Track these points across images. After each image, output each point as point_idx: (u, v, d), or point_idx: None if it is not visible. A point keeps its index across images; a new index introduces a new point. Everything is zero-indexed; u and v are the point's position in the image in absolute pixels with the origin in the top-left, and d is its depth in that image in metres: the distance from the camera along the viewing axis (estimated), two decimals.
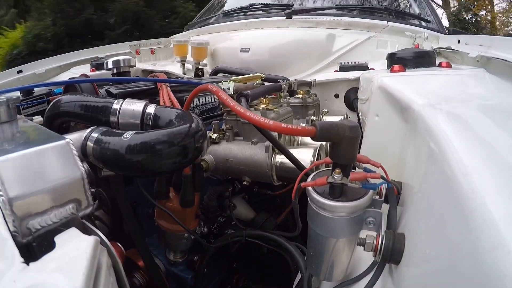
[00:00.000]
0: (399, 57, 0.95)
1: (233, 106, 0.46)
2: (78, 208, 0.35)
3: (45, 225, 0.32)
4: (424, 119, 0.41)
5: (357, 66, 1.23)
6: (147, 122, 0.55)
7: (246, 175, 0.71)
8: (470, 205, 0.25)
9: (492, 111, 0.44)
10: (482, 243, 0.22)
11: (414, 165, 0.44)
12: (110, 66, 0.93)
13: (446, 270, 0.27)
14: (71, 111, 0.57)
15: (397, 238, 0.37)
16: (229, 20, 1.77)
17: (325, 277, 0.47)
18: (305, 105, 1.01)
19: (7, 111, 0.45)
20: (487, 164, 0.27)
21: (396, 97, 0.57)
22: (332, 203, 0.38)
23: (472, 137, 0.33)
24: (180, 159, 0.47)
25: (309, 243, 0.46)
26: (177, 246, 0.82)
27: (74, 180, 0.35)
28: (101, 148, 0.44)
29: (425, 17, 1.70)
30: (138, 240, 0.70)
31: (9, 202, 0.30)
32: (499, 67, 0.70)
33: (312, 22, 1.49)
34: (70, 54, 1.73)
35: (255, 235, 0.83)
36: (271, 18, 1.58)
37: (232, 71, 1.37)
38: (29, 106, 0.96)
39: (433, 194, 0.33)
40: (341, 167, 0.38)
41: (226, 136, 0.75)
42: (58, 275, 0.26)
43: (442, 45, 1.25)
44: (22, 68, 1.52)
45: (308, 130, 0.36)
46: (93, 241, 0.31)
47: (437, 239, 0.29)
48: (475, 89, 0.62)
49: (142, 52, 1.74)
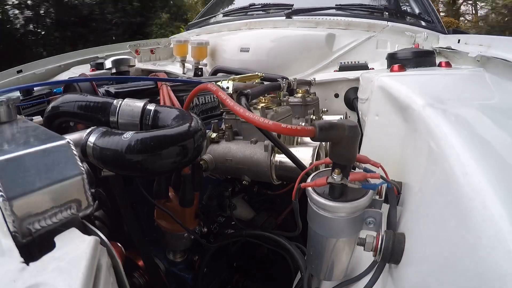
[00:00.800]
0: (399, 57, 0.95)
1: (233, 106, 0.46)
2: (78, 208, 0.35)
3: (45, 225, 0.32)
4: (424, 119, 0.41)
5: (357, 66, 1.23)
6: (146, 122, 0.55)
7: (245, 175, 0.71)
8: (470, 205, 0.25)
9: (492, 110, 0.44)
10: (482, 243, 0.22)
11: (414, 165, 0.44)
12: (109, 66, 0.93)
13: (446, 270, 0.27)
14: (71, 111, 0.57)
15: (397, 238, 0.37)
16: (229, 20, 1.77)
17: (325, 277, 0.47)
18: (304, 104, 1.01)
19: (7, 111, 0.45)
20: (487, 163, 0.27)
21: (396, 97, 0.57)
22: (332, 203, 0.38)
23: (472, 136, 0.33)
24: (179, 159, 0.47)
25: (309, 243, 0.46)
26: (177, 246, 0.82)
27: (74, 180, 0.35)
28: (101, 148, 0.44)
29: (425, 17, 1.70)
30: (138, 240, 0.70)
31: (9, 202, 0.30)
32: (499, 67, 0.70)
33: (312, 22, 1.49)
34: (70, 54, 1.74)
35: (255, 235, 0.83)
36: (271, 18, 1.58)
37: (231, 71, 1.37)
38: (29, 106, 0.96)
39: (433, 194, 0.33)
40: (341, 167, 0.38)
41: (225, 135, 0.75)
42: (58, 275, 0.26)
43: (442, 44, 1.25)
44: (22, 68, 1.52)
45: (308, 130, 0.35)
46: (93, 241, 0.31)
47: (437, 239, 0.29)
48: (475, 88, 0.62)
49: (142, 52, 1.73)
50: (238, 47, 1.46)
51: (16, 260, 0.27)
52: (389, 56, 0.99)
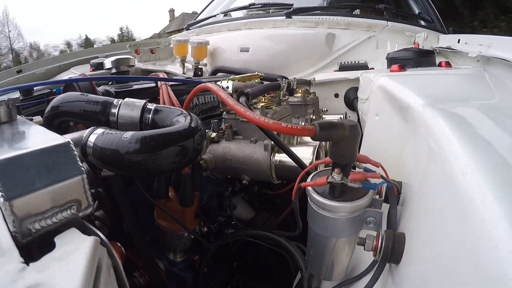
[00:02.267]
0: (399, 57, 0.95)
1: (233, 105, 0.46)
2: (78, 208, 0.35)
3: (45, 225, 0.32)
4: (424, 119, 0.41)
5: (357, 65, 1.23)
6: (146, 121, 0.55)
7: (245, 174, 0.71)
8: (470, 204, 0.25)
9: (492, 110, 0.44)
10: (482, 242, 0.22)
11: (414, 165, 0.44)
12: (109, 66, 0.93)
13: (446, 270, 0.27)
14: (70, 111, 0.57)
15: (397, 238, 0.37)
16: (229, 19, 1.77)
17: (325, 276, 0.47)
18: (304, 104, 1.01)
19: (7, 111, 0.45)
20: (487, 163, 0.27)
21: (396, 97, 0.57)
22: (332, 203, 0.38)
23: (472, 136, 0.33)
24: (179, 158, 0.47)
25: (309, 242, 0.46)
26: (177, 246, 0.82)
27: (74, 180, 0.35)
28: (101, 148, 0.44)
29: (425, 17, 1.70)
30: (138, 240, 0.70)
31: (9, 202, 0.30)
32: (498, 67, 0.70)
33: (312, 22, 1.49)
34: (70, 54, 1.74)
35: (255, 235, 0.83)
36: (271, 18, 1.58)
37: (231, 71, 1.37)
38: (29, 106, 0.96)
39: (433, 193, 0.33)
40: (341, 167, 0.38)
41: (225, 135, 0.75)
42: (58, 275, 0.26)
43: (442, 44, 1.25)
44: (22, 68, 1.52)
45: (308, 130, 0.35)
46: (93, 241, 0.31)
47: (437, 239, 0.29)
48: (475, 88, 0.62)
49: (142, 52, 1.74)
50: (238, 47, 1.46)
51: (16, 260, 0.27)
52: (389, 56, 0.99)
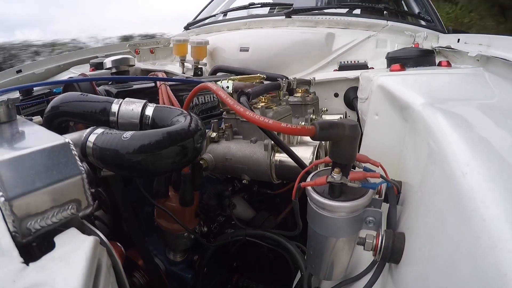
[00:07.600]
0: (398, 56, 0.95)
1: (233, 105, 0.46)
2: (78, 208, 0.35)
3: (45, 225, 0.32)
4: (424, 118, 0.41)
5: (356, 65, 1.23)
6: (146, 121, 0.55)
7: (245, 174, 0.71)
8: (470, 204, 0.25)
9: (492, 110, 0.44)
10: (482, 242, 0.22)
11: (413, 164, 0.44)
12: (109, 65, 0.92)
13: (446, 269, 0.27)
14: (70, 111, 0.57)
15: (397, 237, 0.37)
16: (228, 19, 1.77)
17: (325, 276, 0.47)
18: (304, 103, 1.01)
19: (7, 111, 0.45)
20: (486, 163, 0.27)
21: (395, 96, 0.57)
22: (331, 202, 0.38)
23: (472, 136, 0.33)
24: (179, 158, 0.47)
25: (309, 242, 0.46)
26: (177, 246, 0.82)
27: (74, 180, 0.35)
28: (101, 148, 0.44)
29: (424, 16, 1.70)
30: (138, 240, 0.70)
31: (9, 202, 0.30)
32: (498, 66, 0.70)
33: (311, 22, 1.49)
34: (70, 54, 1.74)
35: (255, 235, 0.83)
36: (271, 18, 1.58)
37: (231, 70, 1.37)
38: (29, 106, 0.96)
39: (433, 193, 0.33)
40: (341, 167, 0.38)
41: (225, 134, 0.75)
42: (58, 275, 0.26)
43: (442, 44, 1.24)
44: (22, 68, 1.52)
45: (308, 130, 0.35)
46: (93, 241, 0.31)
47: (437, 238, 0.29)
48: (474, 88, 0.62)
49: (142, 52, 1.73)
50: (237, 47, 1.46)
51: (16, 260, 0.27)
52: (389, 55, 0.99)
